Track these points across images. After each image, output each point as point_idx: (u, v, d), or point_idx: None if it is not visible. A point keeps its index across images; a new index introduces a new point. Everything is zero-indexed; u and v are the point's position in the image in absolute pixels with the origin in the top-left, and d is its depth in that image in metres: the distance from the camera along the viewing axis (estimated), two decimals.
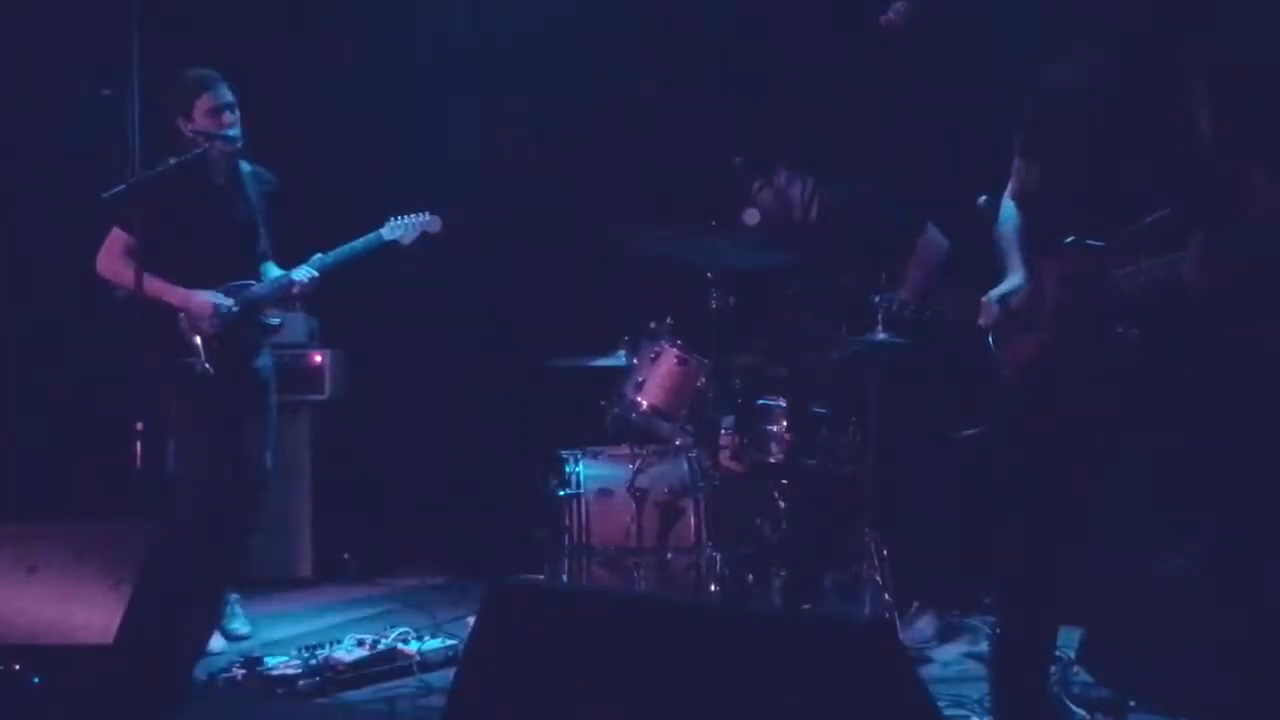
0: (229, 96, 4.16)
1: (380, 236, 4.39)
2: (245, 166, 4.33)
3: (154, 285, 3.97)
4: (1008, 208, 2.98)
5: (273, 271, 4.34)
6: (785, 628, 2.18)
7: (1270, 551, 2.72)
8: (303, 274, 4.25)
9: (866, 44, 3.29)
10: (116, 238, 4.12)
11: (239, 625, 4.34)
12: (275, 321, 4.35)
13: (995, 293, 2.89)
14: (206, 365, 4.07)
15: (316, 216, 4.95)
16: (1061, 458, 2.79)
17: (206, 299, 4.10)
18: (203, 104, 4.12)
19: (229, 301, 4.13)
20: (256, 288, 4.25)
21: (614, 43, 5.50)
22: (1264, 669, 2.72)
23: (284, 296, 4.34)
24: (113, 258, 4.12)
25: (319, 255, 4.30)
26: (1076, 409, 2.75)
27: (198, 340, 4.08)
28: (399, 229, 4.41)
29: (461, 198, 5.55)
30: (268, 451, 4.36)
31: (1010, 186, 2.99)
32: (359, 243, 4.35)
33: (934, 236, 4.37)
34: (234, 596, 4.38)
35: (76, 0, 5.04)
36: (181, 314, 4.08)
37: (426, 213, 4.47)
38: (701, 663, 2.13)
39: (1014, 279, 2.88)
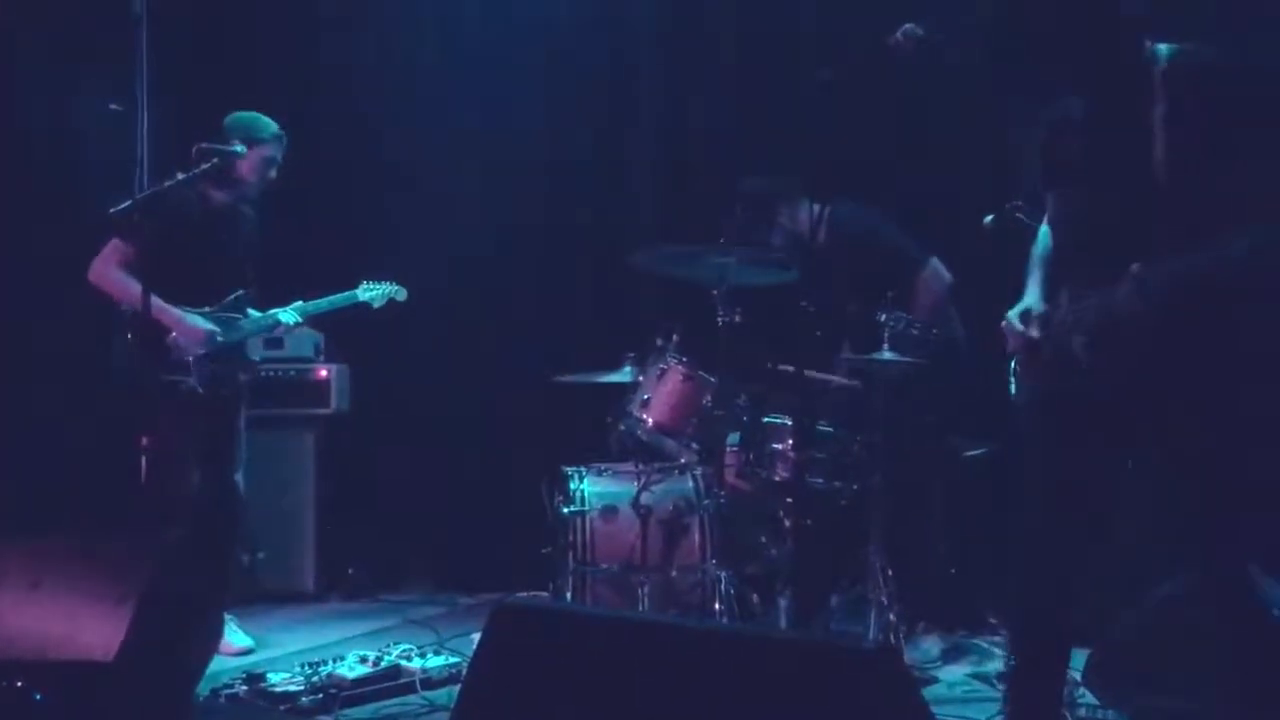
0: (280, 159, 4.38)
1: (355, 296, 4.70)
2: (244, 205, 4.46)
3: (152, 302, 3.99)
4: (1043, 233, 3.00)
5: (251, 310, 4.45)
6: (790, 651, 2.17)
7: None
8: (289, 317, 4.50)
9: (875, 67, 3.29)
10: (115, 248, 4.20)
11: (239, 640, 4.33)
12: (257, 358, 4.62)
13: (1011, 313, 2.91)
14: (196, 385, 4.18)
15: (325, 242, 5.01)
16: (1076, 481, 2.80)
17: (200, 325, 4.21)
18: (264, 150, 4.31)
19: (217, 330, 4.25)
20: (245, 323, 4.40)
21: (623, 59, 5.51)
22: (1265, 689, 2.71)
23: (268, 335, 4.64)
24: (109, 267, 4.19)
25: (300, 302, 4.54)
26: (1082, 433, 2.76)
27: (189, 361, 4.20)
28: (370, 292, 4.73)
29: (469, 212, 5.58)
30: (238, 472, 4.42)
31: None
32: (336, 298, 4.66)
33: (936, 271, 4.36)
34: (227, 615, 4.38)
35: (85, 15, 5.07)
36: (174, 333, 4.13)
37: (394, 283, 4.78)
38: (705, 685, 2.12)
39: (1026, 299, 2.89)
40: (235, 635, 4.35)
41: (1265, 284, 2.60)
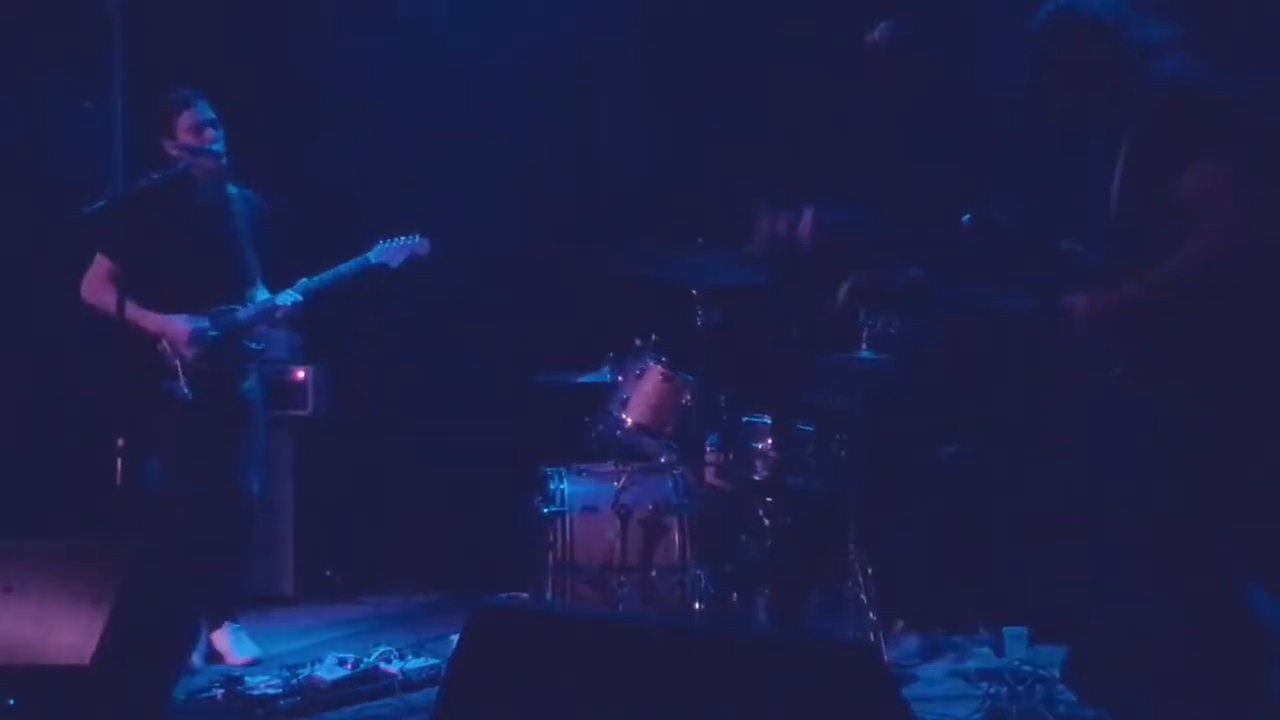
0: (210, 113, 4.16)
1: (368, 260, 4.36)
2: (233, 189, 4.30)
3: (133, 312, 3.93)
4: None
5: (261, 295, 4.30)
6: (769, 650, 2.17)
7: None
8: (287, 299, 4.24)
9: (852, 64, 3.30)
10: (100, 264, 4.12)
11: (245, 650, 4.25)
12: (259, 346, 4.32)
13: None
14: (186, 390, 4.06)
15: (306, 240, 4.96)
16: None
17: (183, 325, 4.08)
18: (184, 121, 4.11)
19: (205, 326, 4.11)
20: (240, 312, 4.22)
21: (600, 60, 5.51)
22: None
23: (268, 321, 4.32)
24: (98, 284, 4.11)
25: (304, 280, 4.28)
26: None
27: (178, 365, 4.07)
28: (386, 252, 4.38)
29: (447, 214, 5.55)
30: (253, 475, 4.30)
31: None
32: (345, 266, 4.33)
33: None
34: (235, 627, 4.32)
35: (59, 15, 5.02)
36: (162, 339, 4.07)
37: (415, 235, 4.45)
38: (685, 684, 2.12)
39: None
40: (243, 645, 4.27)
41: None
